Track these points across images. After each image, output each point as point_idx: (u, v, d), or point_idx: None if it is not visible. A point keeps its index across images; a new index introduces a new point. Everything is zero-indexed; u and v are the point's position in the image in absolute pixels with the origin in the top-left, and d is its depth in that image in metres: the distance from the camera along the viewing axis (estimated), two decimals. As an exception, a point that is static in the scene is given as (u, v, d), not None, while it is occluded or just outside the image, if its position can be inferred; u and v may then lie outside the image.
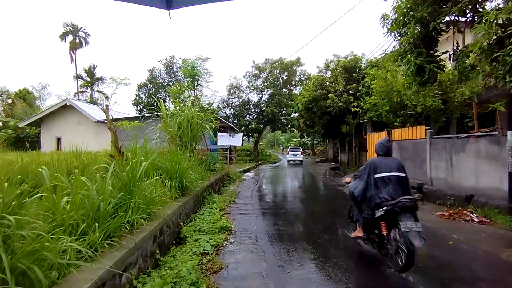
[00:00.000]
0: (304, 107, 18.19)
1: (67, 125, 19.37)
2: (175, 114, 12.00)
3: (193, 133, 11.54)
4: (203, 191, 8.35)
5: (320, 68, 17.64)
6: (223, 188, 11.88)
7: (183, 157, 8.36)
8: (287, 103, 31.98)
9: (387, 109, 12.13)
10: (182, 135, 11.37)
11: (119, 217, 3.49)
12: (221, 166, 14.03)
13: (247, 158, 32.13)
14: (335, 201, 9.20)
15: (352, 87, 15.45)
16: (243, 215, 7.00)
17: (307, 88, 18.23)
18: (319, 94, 16.74)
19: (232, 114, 33.39)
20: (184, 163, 7.48)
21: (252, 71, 33.39)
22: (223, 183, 12.94)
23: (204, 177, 10.18)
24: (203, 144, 16.03)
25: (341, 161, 22.91)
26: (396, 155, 11.72)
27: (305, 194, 10.51)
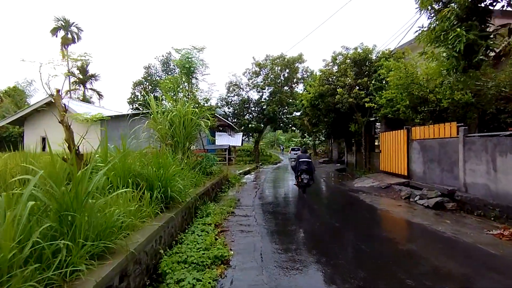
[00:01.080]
0: (310, 103, 16.74)
1: (52, 123, 17.83)
2: (167, 110, 10.65)
3: (187, 131, 10.15)
4: (195, 201, 6.92)
5: (326, 62, 16.22)
6: (221, 194, 10.45)
7: (170, 159, 6.94)
8: (288, 102, 30.56)
9: (406, 104, 10.70)
10: (174, 133, 9.98)
11: (42, 266, 2.07)
12: (218, 168, 12.61)
13: (247, 158, 30.69)
14: (355, 213, 7.75)
15: (363, 81, 14.01)
16: (245, 234, 5.56)
17: (313, 83, 16.77)
18: (326, 89, 15.29)
19: (231, 113, 31.95)
20: (171, 168, 6.05)
21: (252, 68, 31.96)
22: (221, 188, 11.51)
23: (199, 183, 8.78)
24: (199, 144, 14.64)
25: (348, 162, 21.48)
26: (417, 157, 10.31)
27: (316, 203, 9.08)
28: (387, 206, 7.92)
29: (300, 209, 8.08)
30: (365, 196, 9.47)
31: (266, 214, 7.25)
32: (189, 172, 8.65)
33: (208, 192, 9.03)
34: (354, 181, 13.42)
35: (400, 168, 11.59)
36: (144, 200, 4.73)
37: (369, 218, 6.94)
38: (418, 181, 10.19)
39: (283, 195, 10.69)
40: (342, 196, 10.21)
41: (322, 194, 10.97)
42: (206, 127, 12.72)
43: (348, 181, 13.96)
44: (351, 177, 16.70)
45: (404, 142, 11.15)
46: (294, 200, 9.46)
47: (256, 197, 9.76)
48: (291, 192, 11.24)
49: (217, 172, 12.09)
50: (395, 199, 8.98)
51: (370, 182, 11.83)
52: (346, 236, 5.51)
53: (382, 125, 14.19)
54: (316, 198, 9.95)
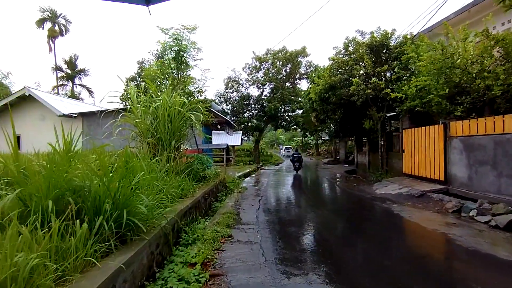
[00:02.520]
0: (318, 97, 14.71)
1: (28, 120, 15.86)
2: (148, 100, 8.69)
3: (174, 126, 8.16)
4: (175, 222, 4.91)
5: (337, 49, 14.18)
6: (216, 204, 8.44)
7: (143, 164, 4.95)
8: (290, 98, 28.58)
9: (443, 94, 8.70)
10: (158, 129, 8.00)
11: None
12: (214, 172, 10.60)
13: (247, 159, 28.69)
14: (400, 238, 5.74)
15: (383, 69, 12.00)
16: (248, 282, 3.54)
17: (322, 73, 14.75)
18: (339, 80, 13.27)
19: (230, 110, 29.96)
20: (139, 176, 4.06)
21: (252, 62, 30.05)
22: (217, 196, 9.50)
23: (187, 192, 6.80)
24: (193, 143, 12.65)
25: (358, 163, 19.50)
26: (458, 158, 8.32)
27: (338, 219, 7.08)
28: (437, 224, 5.91)
29: (322, 229, 6.06)
30: (399, 209, 7.47)
31: (277, 240, 5.21)
32: (174, 179, 6.69)
33: (199, 205, 7.02)
34: (374, 186, 11.41)
35: (432, 172, 9.60)
36: (78, 235, 2.75)
37: (425, 248, 4.93)
38: (461, 188, 8.20)
39: (293, 205, 8.67)
40: (369, 208, 8.18)
41: (343, 206, 8.93)
42: (198, 122, 10.73)
43: (366, 186, 11.95)
44: (366, 180, 14.71)
45: (440, 140, 9.16)
46: (309, 214, 7.45)
47: (260, 210, 7.74)
48: (302, 202, 9.22)
49: (212, 176, 10.08)
50: (441, 213, 6.96)
51: (396, 188, 9.83)
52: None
53: (405, 121, 12.19)
54: (339, 211, 7.95)
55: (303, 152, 48.85)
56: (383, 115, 14.03)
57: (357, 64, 12.91)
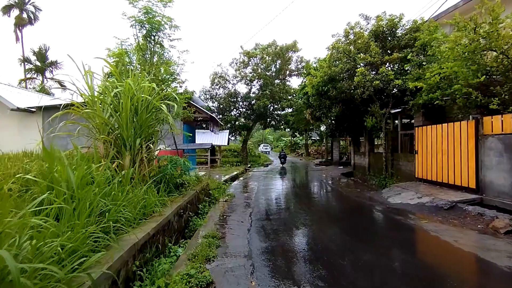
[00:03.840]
0: (316, 90, 13.00)
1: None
2: (107, 87, 6.84)
3: (141, 119, 6.28)
4: (122, 266, 3.02)
5: (337, 37, 12.51)
6: (196, 221, 6.55)
7: (81, 172, 3.05)
8: (280, 96, 26.88)
9: (476, 83, 7.11)
10: (119, 124, 6.08)
11: None
12: (194, 177, 8.70)
13: (234, 160, 26.75)
14: (454, 277, 4.03)
15: (393, 57, 10.39)
16: None
17: (321, 64, 13.03)
18: (340, 71, 11.60)
19: (216, 108, 27.96)
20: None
21: (240, 57, 28.13)
22: (197, 208, 7.62)
23: (152, 210, 4.92)
24: (171, 142, 10.71)
25: (356, 165, 17.93)
26: (496, 161, 6.76)
27: (361, 246, 5.33)
28: (504, 256, 4.23)
29: (342, 266, 4.29)
30: (431, 227, 5.78)
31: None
32: (136, 191, 4.82)
33: (170, 226, 5.12)
34: (383, 193, 9.77)
35: (458, 177, 8.02)
36: None
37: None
38: (501, 199, 6.62)
39: (292, 221, 6.86)
40: (393, 226, 6.46)
41: (360, 224, 7.18)
42: (176, 115, 8.77)
43: (373, 193, 10.30)
44: (368, 185, 13.13)
45: (470, 139, 7.58)
46: (319, 238, 5.66)
47: (252, 231, 5.87)
48: (303, 214, 7.45)
49: (192, 183, 8.19)
50: (489, 233, 5.32)
51: (414, 197, 8.21)
52: None
53: (418, 117, 10.62)
54: (356, 232, 6.21)
55: (292, 153, 48.48)
56: (388, 112, 12.45)
57: (362, 53, 11.25)
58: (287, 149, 52.67)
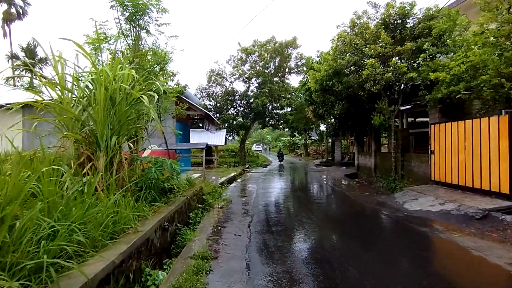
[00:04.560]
0: (320, 85, 12.00)
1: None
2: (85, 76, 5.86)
3: (119, 113, 5.27)
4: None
5: (343, 27, 11.51)
6: (185, 235, 5.52)
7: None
8: (279, 94, 25.90)
9: (508, 72, 6.14)
10: (93, 119, 5.08)
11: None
12: (186, 181, 7.68)
13: (232, 160, 25.67)
14: None
15: (406, 48, 9.40)
16: None
17: (325, 57, 12.02)
18: (346, 63, 10.61)
19: (213, 106, 26.90)
20: None
21: (237, 54, 27.13)
22: (188, 218, 6.60)
23: (125, 226, 3.90)
24: (162, 141, 9.70)
25: (360, 166, 16.97)
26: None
27: (384, 269, 4.32)
28: None
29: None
30: (469, 243, 4.79)
31: None
32: (100, 205, 3.80)
33: (148, 246, 4.09)
34: (396, 197, 8.79)
35: (486, 180, 7.04)
36: None
37: None
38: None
39: (300, 233, 5.86)
40: (419, 241, 5.46)
41: (380, 237, 6.17)
42: (165, 110, 7.72)
43: (385, 197, 9.32)
44: (374, 187, 12.16)
45: (502, 137, 6.60)
46: (334, 258, 4.66)
47: (252, 247, 4.84)
48: (310, 224, 6.45)
49: (183, 188, 7.18)
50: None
51: (435, 203, 7.22)
52: None
53: (434, 113, 9.63)
54: (377, 247, 5.21)
55: (291, 153, 48.25)
56: (397, 109, 11.48)
57: (370, 44, 10.25)
58: (286, 149, 52.78)
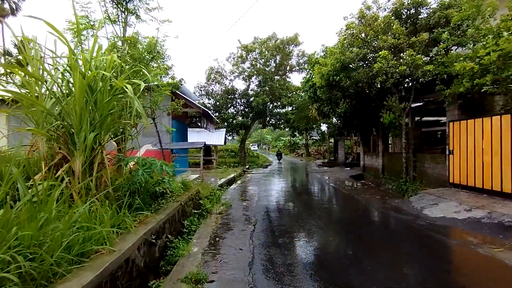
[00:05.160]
0: (326, 81, 11.20)
1: None
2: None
3: (100, 106, 4.47)
4: None
5: (350, 19, 10.71)
6: (176, 248, 4.70)
7: None
8: (280, 92, 25.13)
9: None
10: (68, 113, 4.28)
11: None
12: (180, 183, 6.89)
13: (232, 160, 24.87)
14: None
15: (421, 38, 8.61)
16: None
17: (331, 50, 11.22)
18: (355, 56, 9.83)
19: (212, 105, 26.14)
20: None
21: (237, 52, 26.38)
22: (182, 227, 5.81)
23: (93, 246, 3.06)
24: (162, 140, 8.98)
25: (366, 167, 16.18)
26: None
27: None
28: None
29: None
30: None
31: None
32: (66, 217, 2.99)
33: (125, 270, 3.27)
34: (412, 202, 8.00)
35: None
36: None
37: None
38: None
39: (310, 245, 5.07)
40: (453, 258, 4.66)
41: (399, 252, 5.36)
42: (156, 104, 6.90)
43: (399, 201, 8.53)
44: (383, 190, 11.38)
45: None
46: (355, 280, 3.87)
47: (256, 266, 4.06)
48: (321, 233, 5.66)
49: (177, 192, 6.39)
50: None
51: (460, 209, 6.44)
52: None
53: (453, 110, 8.83)
54: (402, 269, 4.41)
55: (291, 153, 48.31)
56: (408, 106, 10.70)
57: (381, 35, 9.46)
58: (286, 149, 52.54)
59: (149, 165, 4.99)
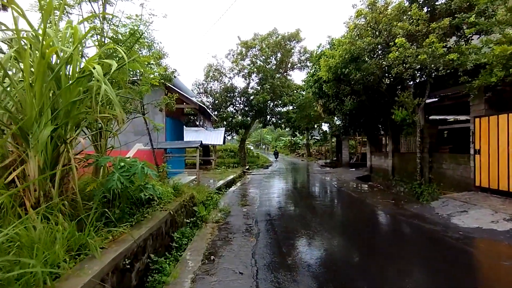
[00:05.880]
0: (333, 74, 10.27)
1: None
2: None
3: (64, 86, 3.40)
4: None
5: (359, 7, 9.75)
6: (160, 271, 3.76)
7: None
8: (282, 90, 24.17)
9: None
10: (18, 101, 3.19)
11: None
12: (171, 188, 5.96)
13: (231, 161, 23.90)
14: None
15: (443, 24, 7.68)
16: None
17: (340, 40, 10.28)
18: (367, 46, 8.90)
19: (211, 103, 25.18)
20: None
21: (237, 49, 25.43)
22: (171, 240, 4.86)
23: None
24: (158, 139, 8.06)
25: (373, 168, 15.24)
26: None
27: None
28: None
29: None
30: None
31: None
32: None
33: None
34: (435, 209, 7.06)
35: None
36: None
37: None
38: None
39: (329, 269, 4.14)
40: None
41: (437, 277, 4.43)
42: (140, 94, 5.92)
43: (416, 207, 7.59)
44: (395, 193, 10.46)
45: None
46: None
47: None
48: (336, 247, 4.74)
49: (167, 198, 5.45)
50: None
51: (498, 218, 5.51)
52: None
53: (478, 104, 7.88)
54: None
55: (292, 153, 48.19)
56: (423, 102, 9.78)
57: (396, 21, 8.52)
58: (287, 149, 51.72)
59: (128, 167, 4.05)
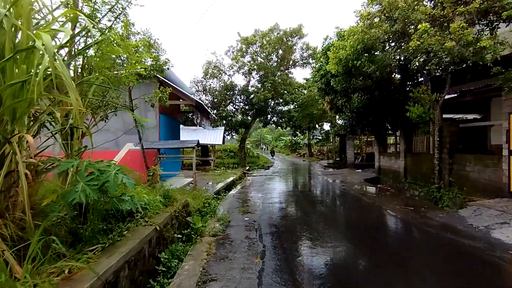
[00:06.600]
0: (343, 67, 9.33)
1: None
2: None
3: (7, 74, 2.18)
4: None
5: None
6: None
7: None
8: (283, 88, 23.25)
9: None
10: None
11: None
12: (160, 196, 5.04)
13: (231, 161, 22.92)
14: None
15: (472, 7, 6.75)
16: None
17: (352, 29, 9.31)
18: (383, 34, 7.96)
19: (210, 102, 24.24)
20: None
21: (237, 45, 24.49)
22: (157, 263, 3.92)
23: None
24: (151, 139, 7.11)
25: (382, 169, 14.31)
26: None
27: None
28: None
29: None
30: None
31: None
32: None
33: None
34: (467, 218, 6.13)
35: None
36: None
37: None
38: None
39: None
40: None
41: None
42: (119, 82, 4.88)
43: (442, 216, 6.66)
44: (410, 197, 9.55)
45: None
46: None
47: None
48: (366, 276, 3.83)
49: (154, 209, 4.52)
50: None
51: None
52: None
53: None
54: None
55: (293, 153, 47.50)
56: (442, 97, 8.85)
57: (415, 5, 7.58)
58: (287, 149, 50.99)
59: (99, 174, 3.11)
